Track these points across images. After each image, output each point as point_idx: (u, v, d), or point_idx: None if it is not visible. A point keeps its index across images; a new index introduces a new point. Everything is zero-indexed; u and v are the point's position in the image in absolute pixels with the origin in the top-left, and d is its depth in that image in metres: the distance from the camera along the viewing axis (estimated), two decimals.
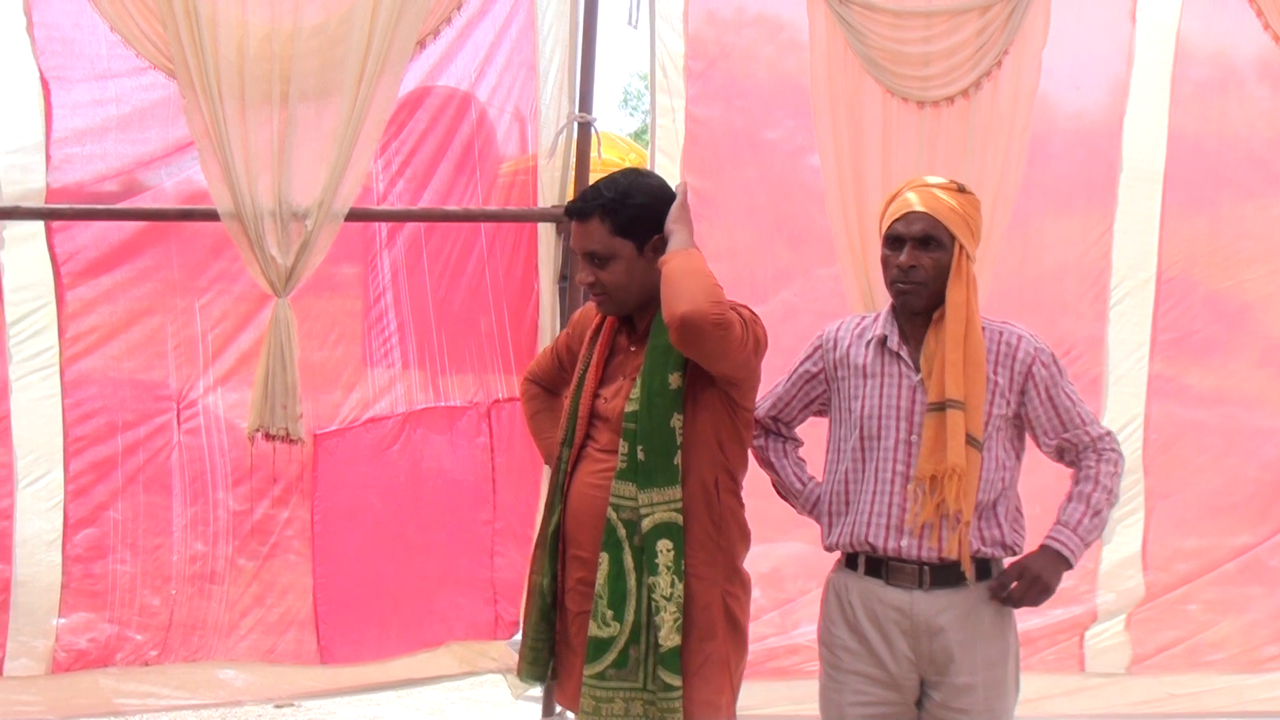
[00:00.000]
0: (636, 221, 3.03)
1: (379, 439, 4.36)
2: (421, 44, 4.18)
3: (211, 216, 3.99)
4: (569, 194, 4.32)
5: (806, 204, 4.49)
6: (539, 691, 4.26)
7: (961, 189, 3.15)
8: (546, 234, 4.39)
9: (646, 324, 3.09)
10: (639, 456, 2.97)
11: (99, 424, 4.17)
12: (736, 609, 3.06)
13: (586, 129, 4.34)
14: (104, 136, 4.10)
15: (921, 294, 3.10)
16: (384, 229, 4.34)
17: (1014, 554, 3.16)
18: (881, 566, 3.12)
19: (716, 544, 3.02)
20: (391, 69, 4.03)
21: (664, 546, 2.94)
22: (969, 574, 3.09)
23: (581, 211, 3.07)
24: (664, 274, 2.94)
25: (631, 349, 3.12)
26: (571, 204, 3.14)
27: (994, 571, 3.15)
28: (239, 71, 3.92)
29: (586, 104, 4.34)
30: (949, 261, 3.09)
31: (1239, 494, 4.72)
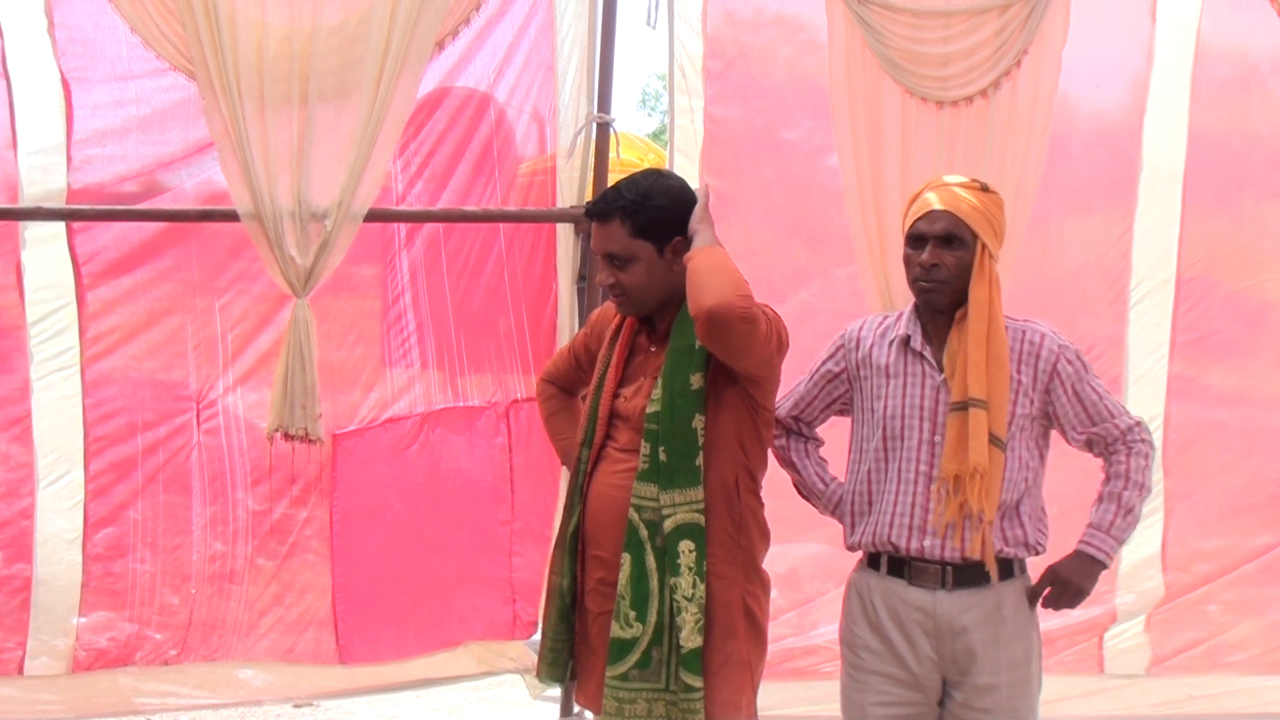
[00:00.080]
0: (657, 223, 3.02)
1: (398, 439, 4.37)
2: (440, 44, 4.19)
3: (231, 217, 4.00)
4: (587, 194, 4.32)
5: (825, 204, 4.49)
6: (557, 691, 4.27)
7: (985, 188, 3.14)
8: (565, 234, 4.39)
9: (667, 325, 3.08)
10: (661, 457, 2.97)
11: (119, 424, 4.19)
12: (756, 609, 3.06)
13: (605, 129, 4.35)
14: (124, 137, 4.12)
15: (944, 292, 3.09)
16: (403, 229, 4.35)
17: (1037, 554, 3.15)
18: (904, 566, 3.11)
19: (737, 543, 3.02)
20: (410, 69, 4.03)
21: (686, 547, 2.94)
22: (993, 574, 3.07)
23: (602, 213, 3.06)
24: (690, 269, 2.93)
25: (652, 349, 3.11)
26: (592, 205, 3.14)
27: (1016, 571, 3.13)
28: (258, 72, 3.92)
29: (605, 104, 4.35)
30: (971, 260, 3.07)
31: (1259, 494, 4.70)
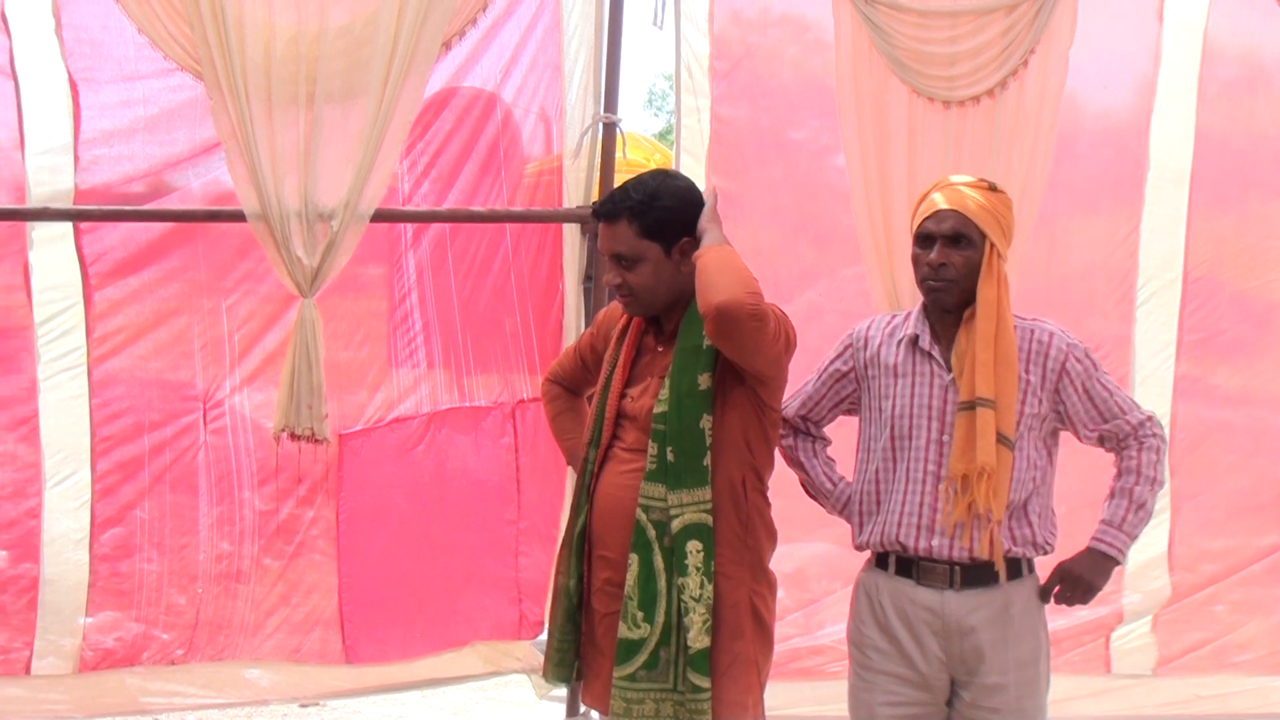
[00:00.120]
0: (664, 224, 3.02)
1: (404, 439, 4.37)
2: (447, 45, 4.19)
3: (238, 217, 4.00)
4: (594, 194, 4.32)
5: (831, 204, 4.49)
6: (563, 691, 4.27)
7: (993, 187, 3.14)
8: (571, 234, 4.39)
9: (674, 325, 3.08)
10: (668, 458, 2.97)
11: (126, 424, 4.19)
12: (763, 609, 3.06)
13: (611, 129, 4.35)
14: (132, 138, 4.12)
15: (952, 291, 3.09)
16: (409, 230, 4.35)
17: (1045, 553, 3.14)
18: (912, 566, 3.11)
19: (744, 543, 3.02)
20: (417, 70, 4.04)
21: (693, 547, 2.94)
22: (1001, 574, 3.07)
23: (610, 213, 3.06)
24: (699, 266, 2.93)
25: (659, 349, 3.12)
26: (599, 205, 3.14)
27: (1024, 571, 3.13)
28: (265, 73, 3.92)
29: (611, 104, 4.35)
30: (979, 259, 3.07)
31: (1266, 494, 4.69)
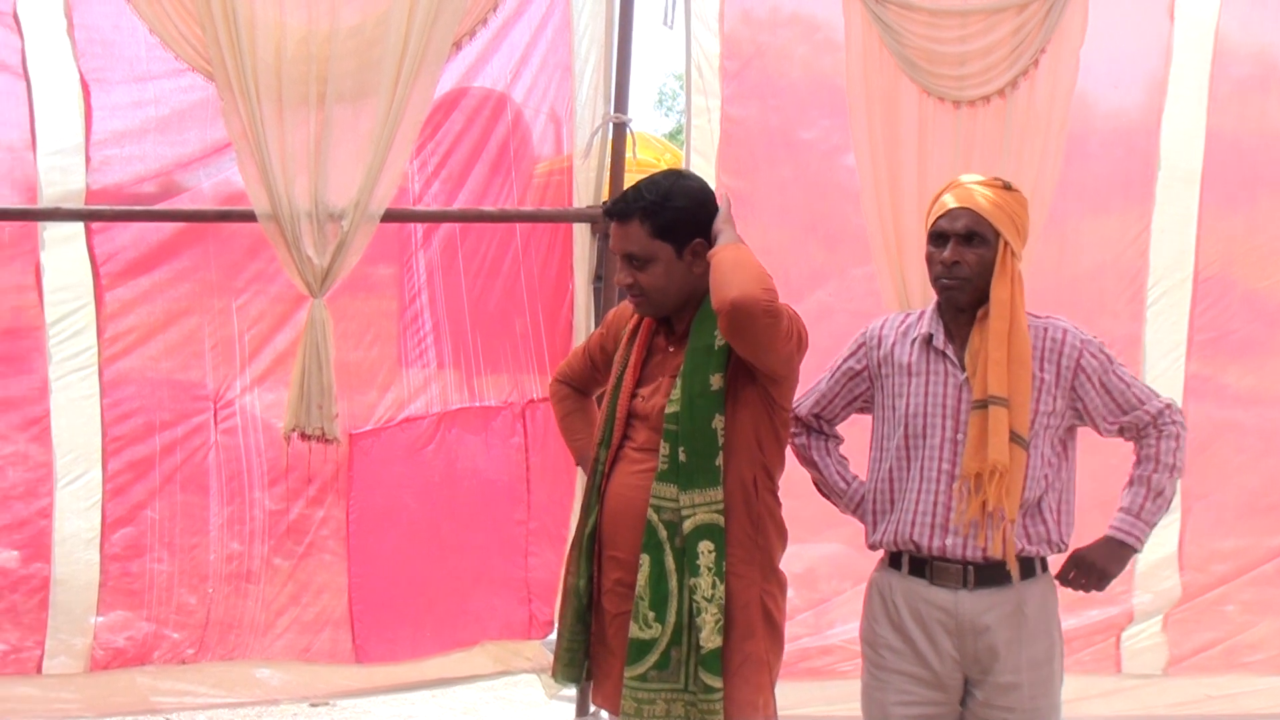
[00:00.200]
0: (676, 224, 3.02)
1: (414, 439, 4.37)
2: (457, 45, 4.18)
3: (248, 217, 4.00)
4: (604, 194, 4.33)
5: (842, 204, 4.48)
6: (573, 691, 4.27)
7: (1007, 186, 3.13)
8: (581, 234, 4.39)
9: (685, 325, 3.08)
10: (680, 458, 2.96)
11: (137, 424, 4.20)
12: (773, 608, 3.06)
13: (622, 129, 4.34)
14: (143, 138, 4.13)
15: (966, 290, 3.08)
16: (420, 230, 4.35)
17: (1060, 550, 3.14)
18: (926, 566, 3.10)
19: (755, 543, 3.01)
20: (428, 70, 4.04)
21: (705, 548, 2.94)
22: (1014, 573, 3.06)
23: (622, 213, 3.06)
24: (714, 264, 2.93)
25: (670, 349, 3.11)
26: (611, 205, 3.13)
27: (1038, 570, 3.12)
28: (276, 73, 3.93)
29: (622, 104, 4.35)
30: (993, 258, 3.07)
31: (1277, 494, 4.70)
